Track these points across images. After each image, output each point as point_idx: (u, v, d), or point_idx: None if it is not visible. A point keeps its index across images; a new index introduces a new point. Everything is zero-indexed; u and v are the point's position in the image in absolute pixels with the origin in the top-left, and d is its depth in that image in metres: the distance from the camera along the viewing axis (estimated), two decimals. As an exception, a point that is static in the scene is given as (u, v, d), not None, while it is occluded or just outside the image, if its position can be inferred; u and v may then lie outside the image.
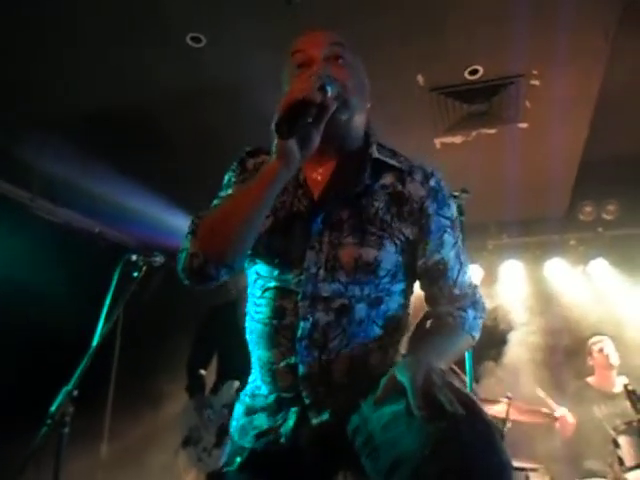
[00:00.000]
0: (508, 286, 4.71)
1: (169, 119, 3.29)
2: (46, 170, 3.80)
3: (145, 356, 4.32)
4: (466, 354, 2.30)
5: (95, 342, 2.20)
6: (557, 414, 3.47)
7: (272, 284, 1.15)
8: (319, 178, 1.19)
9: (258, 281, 1.19)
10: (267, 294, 1.16)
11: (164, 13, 2.47)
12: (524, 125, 3.34)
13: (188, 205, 3.91)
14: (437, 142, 3.56)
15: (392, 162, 1.20)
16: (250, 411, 1.21)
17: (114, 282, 2.33)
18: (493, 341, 4.36)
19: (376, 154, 1.20)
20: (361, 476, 1.02)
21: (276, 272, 1.15)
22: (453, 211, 1.22)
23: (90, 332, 2.21)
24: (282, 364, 1.13)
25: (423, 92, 3.02)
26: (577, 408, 3.63)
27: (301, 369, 1.11)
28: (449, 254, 1.21)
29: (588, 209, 4.37)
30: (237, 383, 3.02)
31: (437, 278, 1.22)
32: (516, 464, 3.31)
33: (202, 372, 3.28)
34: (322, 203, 1.15)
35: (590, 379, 3.80)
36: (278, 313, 1.13)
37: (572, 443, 3.60)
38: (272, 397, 1.17)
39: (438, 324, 1.18)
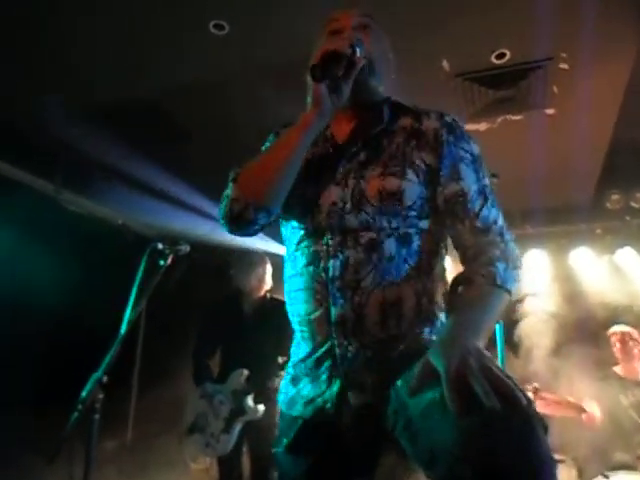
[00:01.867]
0: (532, 276, 4.64)
1: (194, 108, 3.29)
2: (70, 161, 3.84)
3: (168, 343, 4.36)
4: (497, 332, 2.25)
5: (123, 330, 2.22)
6: (586, 407, 3.41)
7: (306, 231, 1.19)
8: (346, 130, 1.27)
9: (294, 235, 1.23)
10: (302, 244, 1.20)
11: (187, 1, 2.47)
12: (551, 111, 3.28)
13: (210, 194, 3.94)
14: (462, 129, 3.50)
15: (411, 107, 1.29)
16: (295, 380, 1.22)
17: (141, 270, 2.34)
18: (517, 331, 4.32)
19: (395, 100, 1.30)
20: (404, 458, 1.01)
21: (309, 217, 1.19)
22: (474, 148, 1.22)
23: (116, 321, 2.24)
24: (318, 312, 1.14)
25: (449, 78, 2.97)
26: (603, 397, 3.58)
27: (333, 312, 1.11)
28: (470, 187, 1.18)
29: (616, 197, 4.28)
30: (246, 371, 3.04)
31: (458, 211, 1.17)
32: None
33: (208, 361, 3.32)
34: (346, 145, 1.24)
35: (616, 368, 3.75)
36: (313, 259, 1.16)
37: (599, 433, 3.56)
38: (312, 359, 1.17)
39: (470, 288, 1.08)
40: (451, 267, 1.29)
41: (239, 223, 1.19)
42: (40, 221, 3.54)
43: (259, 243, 3.95)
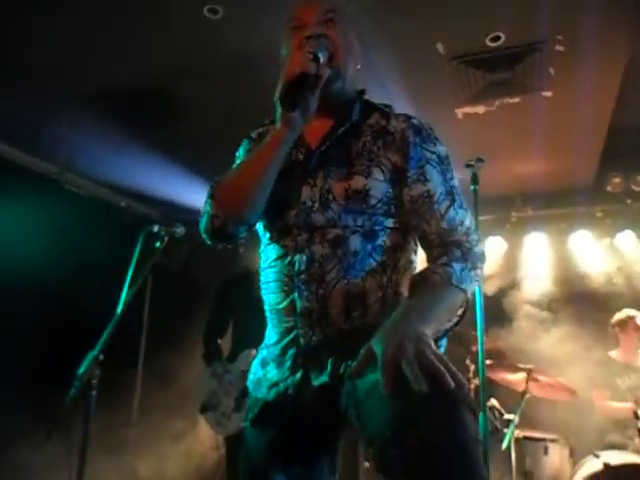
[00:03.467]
0: (532, 258, 4.64)
1: (192, 92, 3.32)
2: (73, 144, 3.89)
3: (173, 323, 4.46)
4: (478, 324, 2.30)
5: (119, 309, 2.29)
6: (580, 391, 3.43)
7: (276, 228, 1.24)
8: (316, 131, 1.29)
9: (266, 231, 1.28)
10: (273, 239, 1.25)
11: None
12: (549, 94, 3.26)
13: (210, 177, 3.97)
14: (459, 112, 3.50)
15: (380, 106, 1.31)
16: (264, 363, 1.28)
17: (136, 252, 2.41)
18: (514, 312, 4.36)
19: (364, 97, 1.33)
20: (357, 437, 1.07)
21: (279, 215, 1.23)
22: (441, 151, 1.24)
23: (117, 301, 2.32)
24: (285, 303, 1.20)
25: (444, 61, 2.96)
26: (600, 380, 3.62)
27: (299, 304, 1.17)
28: (437, 188, 1.21)
29: (616, 180, 4.26)
30: (255, 351, 3.09)
31: (424, 212, 1.20)
32: (535, 434, 3.34)
33: (219, 341, 3.36)
34: (317, 147, 1.26)
35: (613, 352, 3.78)
36: (281, 253, 1.22)
37: (594, 417, 3.61)
38: (279, 346, 1.23)
39: (425, 285, 1.13)
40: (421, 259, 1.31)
41: (220, 237, 1.24)
42: (42, 203, 3.61)
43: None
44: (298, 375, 1.18)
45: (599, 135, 3.72)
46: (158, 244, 2.53)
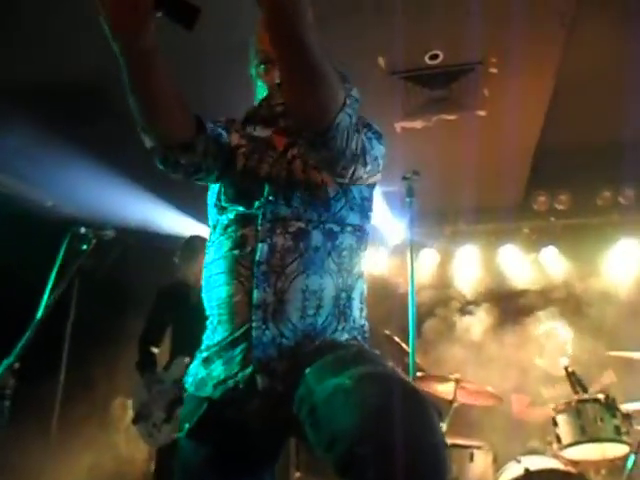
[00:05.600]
0: (463, 271, 4.80)
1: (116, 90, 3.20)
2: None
3: (99, 330, 4.26)
4: (410, 331, 2.34)
5: (40, 314, 2.15)
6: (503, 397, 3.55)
7: (236, 217, 1.22)
8: (283, 128, 1.32)
9: (222, 220, 1.25)
10: (230, 229, 1.22)
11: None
12: (482, 113, 3.39)
13: (146, 180, 3.85)
14: (397, 126, 3.57)
15: None
16: (207, 361, 1.21)
17: (61, 255, 2.28)
18: (445, 322, 4.49)
19: None
20: (306, 444, 1.05)
21: (241, 205, 1.22)
22: None
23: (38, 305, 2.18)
24: (240, 295, 1.15)
25: (384, 75, 3.03)
26: (525, 389, 3.76)
27: (255, 295, 1.13)
28: None
29: (542, 199, 4.49)
30: (188, 359, 3.00)
31: None
32: (461, 442, 3.42)
33: (154, 349, 3.25)
34: (284, 142, 1.28)
35: (539, 361, 3.93)
36: (239, 242, 1.19)
37: (517, 423, 3.75)
38: (227, 342, 1.17)
39: None
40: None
41: (166, 165, 1.22)
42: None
43: (200, 228, 3.91)
44: (249, 370, 1.13)
45: (527, 154, 3.92)
46: (85, 247, 2.41)
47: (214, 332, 1.23)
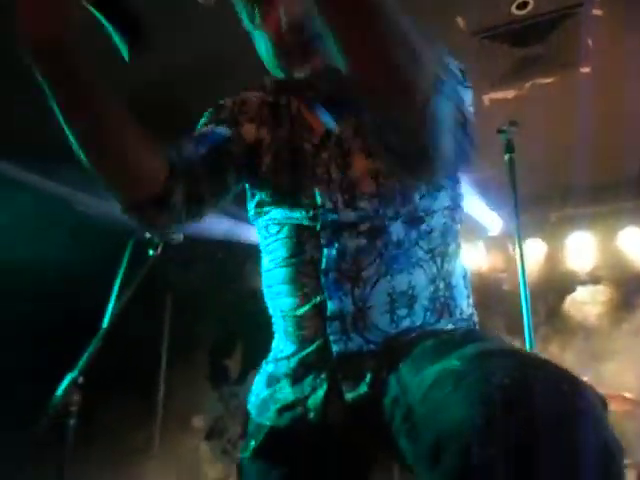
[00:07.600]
0: (576, 261, 4.29)
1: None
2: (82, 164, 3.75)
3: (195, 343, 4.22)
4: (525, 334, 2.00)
5: (105, 323, 2.04)
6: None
7: (286, 222, 1.03)
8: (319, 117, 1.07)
9: (269, 227, 1.06)
10: (281, 234, 1.03)
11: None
12: (587, 69, 2.92)
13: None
14: (485, 99, 3.19)
15: None
16: (272, 380, 1.05)
17: (124, 262, 2.19)
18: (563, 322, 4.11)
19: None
20: (403, 463, 0.82)
21: (288, 211, 1.02)
22: None
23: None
24: (306, 307, 0.99)
25: (464, 38, 2.69)
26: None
27: (329, 306, 0.96)
28: None
29: (670, 169, 3.87)
30: None
31: None
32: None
33: (226, 362, 3.19)
34: (320, 128, 1.04)
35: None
36: (296, 250, 1.01)
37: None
38: (295, 359, 1.01)
39: None
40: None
41: (157, 230, 1.13)
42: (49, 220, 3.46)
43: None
44: (321, 392, 0.96)
45: (647, 118, 3.35)
46: (151, 252, 2.30)
47: (282, 343, 1.08)
